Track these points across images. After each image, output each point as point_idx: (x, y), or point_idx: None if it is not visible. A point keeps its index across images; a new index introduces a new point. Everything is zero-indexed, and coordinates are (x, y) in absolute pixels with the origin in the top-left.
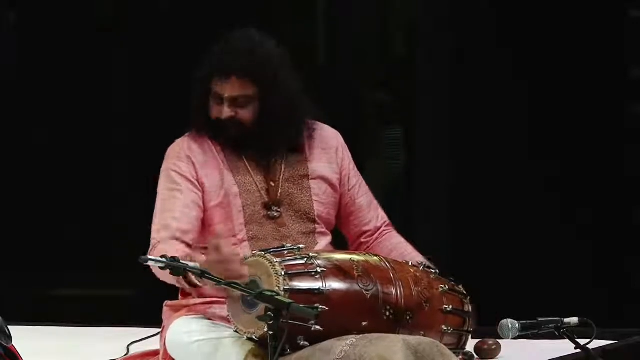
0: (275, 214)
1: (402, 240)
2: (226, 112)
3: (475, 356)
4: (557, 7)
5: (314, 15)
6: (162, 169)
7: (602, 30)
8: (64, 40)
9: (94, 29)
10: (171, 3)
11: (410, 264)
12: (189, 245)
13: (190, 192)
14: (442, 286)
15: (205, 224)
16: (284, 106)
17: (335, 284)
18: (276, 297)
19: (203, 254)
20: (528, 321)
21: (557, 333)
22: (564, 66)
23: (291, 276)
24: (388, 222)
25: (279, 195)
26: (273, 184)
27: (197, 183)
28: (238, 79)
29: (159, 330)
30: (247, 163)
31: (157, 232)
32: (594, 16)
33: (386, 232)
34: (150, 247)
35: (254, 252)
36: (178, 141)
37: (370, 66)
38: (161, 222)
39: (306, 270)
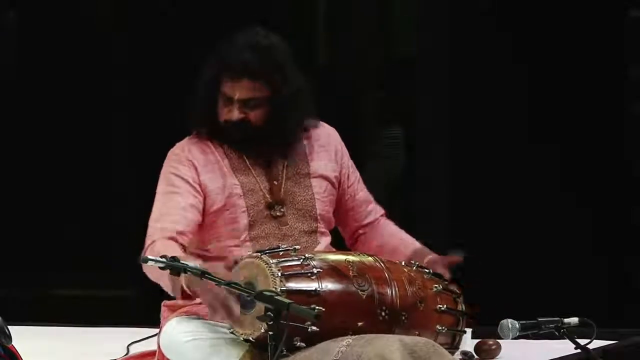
0: (279, 213)
1: (397, 227)
2: (237, 114)
3: (475, 356)
4: (557, 8)
5: (314, 15)
6: (162, 172)
7: (602, 30)
8: (64, 40)
9: (94, 29)
10: (171, 3)
11: (403, 263)
12: (184, 248)
13: (190, 195)
14: (436, 286)
15: (208, 227)
16: (292, 104)
17: (331, 285)
18: (276, 297)
19: (200, 256)
20: (528, 321)
21: (557, 333)
22: (564, 66)
23: (287, 277)
24: (383, 212)
25: (281, 194)
26: (276, 183)
27: (197, 187)
28: (250, 81)
29: (159, 330)
30: (249, 164)
31: (153, 234)
32: (594, 16)
33: (378, 221)
34: (145, 247)
35: (249, 253)
36: (179, 144)
37: (371, 66)
38: (159, 224)
39: (302, 271)
